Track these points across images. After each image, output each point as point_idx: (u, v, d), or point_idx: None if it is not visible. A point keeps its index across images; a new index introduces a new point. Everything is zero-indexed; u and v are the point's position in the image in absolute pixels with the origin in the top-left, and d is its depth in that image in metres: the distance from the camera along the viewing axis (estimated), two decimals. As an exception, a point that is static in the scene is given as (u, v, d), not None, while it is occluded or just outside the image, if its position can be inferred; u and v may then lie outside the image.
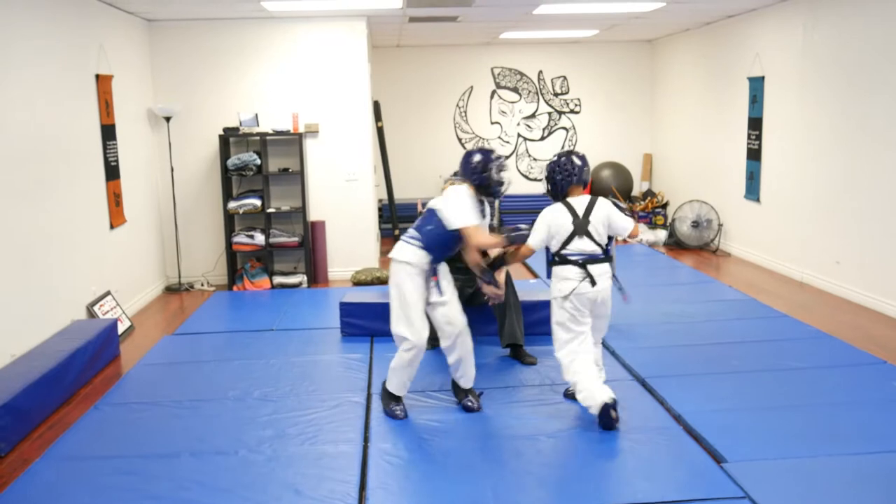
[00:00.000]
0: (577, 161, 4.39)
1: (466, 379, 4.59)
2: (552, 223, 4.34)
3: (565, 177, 4.37)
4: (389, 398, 4.53)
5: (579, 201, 4.36)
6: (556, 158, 4.45)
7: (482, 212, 4.46)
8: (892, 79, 6.35)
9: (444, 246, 4.38)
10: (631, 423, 4.31)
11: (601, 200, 4.39)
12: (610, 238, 4.43)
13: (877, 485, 3.58)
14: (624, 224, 4.40)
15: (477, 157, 4.38)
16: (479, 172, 4.34)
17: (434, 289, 4.41)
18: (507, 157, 11.78)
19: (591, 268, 4.31)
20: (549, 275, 4.48)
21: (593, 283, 4.29)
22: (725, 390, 4.77)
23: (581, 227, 4.30)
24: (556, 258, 4.38)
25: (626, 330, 6.02)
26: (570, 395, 4.65)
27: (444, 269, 4.50)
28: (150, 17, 7.87)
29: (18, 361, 4.98)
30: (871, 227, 6.71)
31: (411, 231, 4.43)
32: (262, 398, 4.83)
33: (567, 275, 4.33)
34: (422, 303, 4.37)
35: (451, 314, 4.46)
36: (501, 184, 4.40)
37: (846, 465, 3.77)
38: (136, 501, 3.58)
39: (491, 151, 4.41)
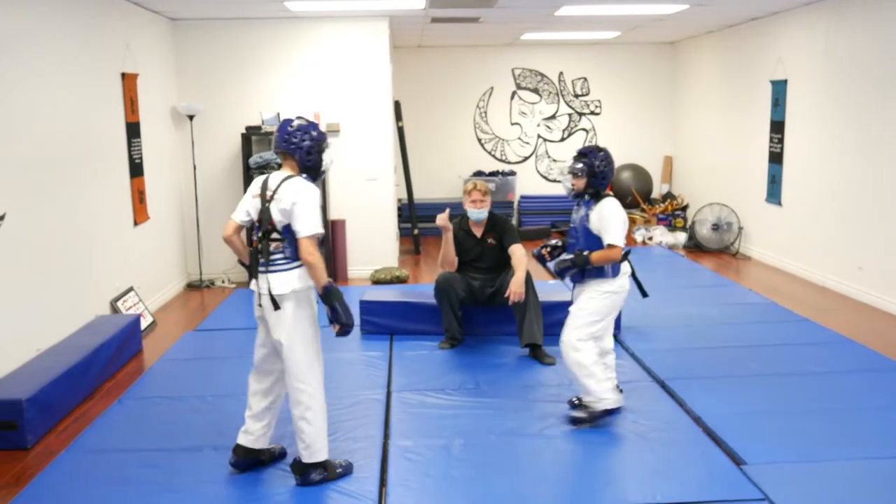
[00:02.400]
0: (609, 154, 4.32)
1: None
2: (625, 217, 4.22)
3: (612, 169, 4.27)
4: (320, 466, 3.69)
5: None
6: (599, 151, 4.21)
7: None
8: (917, 82, 6.31)
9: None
10: (650, 424, 4.31)
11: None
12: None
13: (892, 489, 3.57)
14: None
15: (305, 130, 3.64)
16: (316, 152, 3.64)
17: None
18: (526, 159, 11.79)
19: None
20: (610, 273, 4.23)
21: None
22: (745, 393, 4.76)
23: None
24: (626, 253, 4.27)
25: (646, 332, 6.02)
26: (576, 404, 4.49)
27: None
28: (175, 17, 7.95)
29: (44, 356, 5.05)
30: (892, 232, 6.66)
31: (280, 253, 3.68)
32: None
33: (626, 269, 4.31)
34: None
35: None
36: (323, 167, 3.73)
37: (866, 469, 3.77)
38: (159, 494, 3.63)
39: (315, 124, 3.71)
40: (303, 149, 3.62)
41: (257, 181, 3.73)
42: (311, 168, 3.68)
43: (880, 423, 4.29)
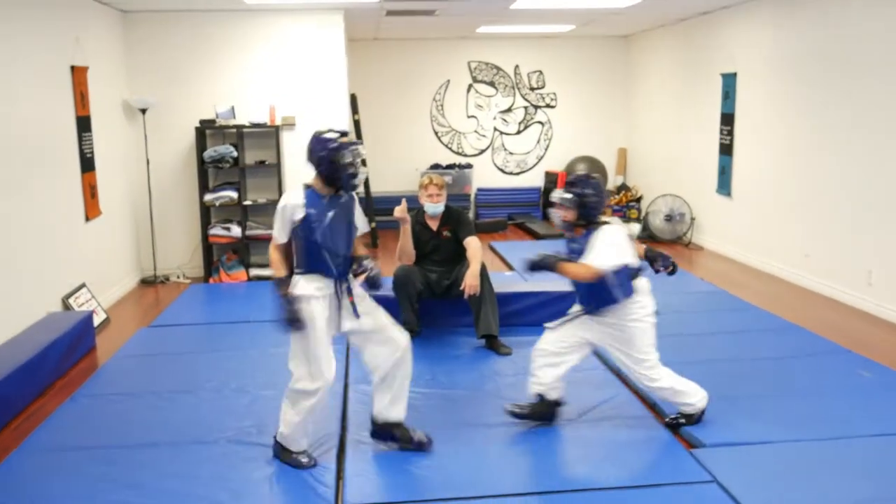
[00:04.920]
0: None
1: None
2: (620, 241, 3.96)
3: (603, 199, 4.05)
4: (287, 451, 3.84)
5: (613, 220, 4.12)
6: (590, 179, 4.01)
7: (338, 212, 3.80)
8: (859, 76, 6.48)
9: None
10: (604, 411, 4.39)
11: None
12: None
13: (841, 469, 3.69)
14: None
15: (319, 143, 3.72)
16: (328, 161, 3.68)
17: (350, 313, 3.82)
18: (483, 152, 11.85)
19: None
20: (620, 296, 4.03)
21: None
22: (697, 379, 4.80)
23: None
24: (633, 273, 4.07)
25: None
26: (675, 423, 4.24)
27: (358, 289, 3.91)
28: (126, 9, 7.83)
29: (-6, 353, 4.97)
30: (837, 221, 6.85)
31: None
32: (240, 389, 4.86)
33: (647, 288, 4.11)
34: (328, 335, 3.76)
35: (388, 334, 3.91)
36: (354, 175, 3.76)
37: (812, 450, 3.89)
38: (115, 491, 3.60)
39: (336, 136, 3.75)
40: (315, 159, 3.73)
41: None
42: (329, 177, 3.73)
43: (826, 405, 4.42)
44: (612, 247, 3.91)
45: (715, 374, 4.93)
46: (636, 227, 10.24)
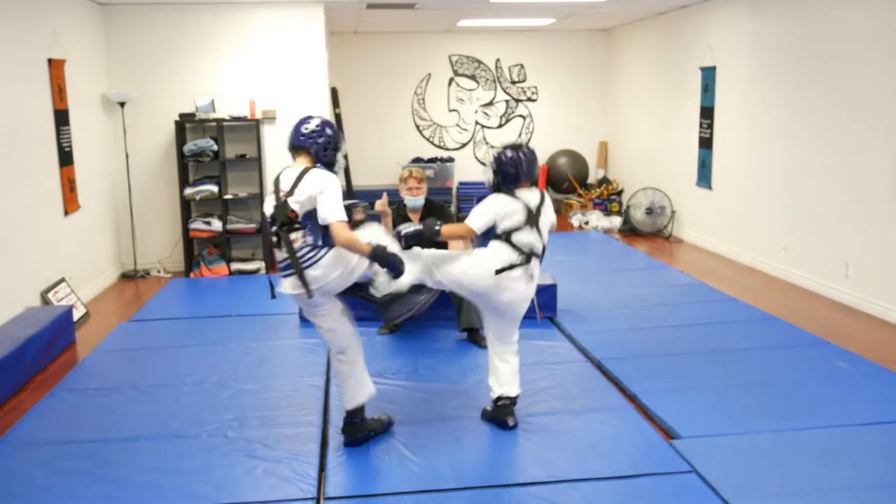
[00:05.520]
0: (529, 155, 4.09)
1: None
2: (500, 210, 3.94)
3: (520, 171, 4.02)
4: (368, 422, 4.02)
5: (531, 195, 4.05)
6: (509, 151, 4.03)
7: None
8: (836, 69, 6.54)
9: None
10: (585, 403, 4.42)
11: (548, 198, 4.18)
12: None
13: (818, 458, 3.74)
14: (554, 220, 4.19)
15: (323, 127, 3.73)
16: (332, 149, 3.74)
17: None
18: (465, 146, 11.86)
19: (533, 264, 4.03)
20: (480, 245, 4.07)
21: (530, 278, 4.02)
22: (677, 371, 4.91)
23: (533, 220, 3.99)
24: (501, 237, 3.97)
25: (582, 313, 6.14)
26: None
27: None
28: (103, 1, 7.75)
29: (-28, 348, 4.93)
30: (815, 214, 6.91)
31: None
32: (221, 383, 4.85)
33: (507, 255, 3.94)
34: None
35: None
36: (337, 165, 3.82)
37: (790, 439, 3.93)
38: (95, 485, 3.59)
39: (332, 123, 3.82)
40: (319, 144, 3.68)
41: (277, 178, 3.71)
42: (327, 164, 3.72)
43: (804, 395, 4.47)
44: (486, 213, 3.95)
45: (694, 366, 4.98)
46: (617, 221, 10.29)
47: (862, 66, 6.25)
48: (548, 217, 4.13)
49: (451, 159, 11.57)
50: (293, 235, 3.61)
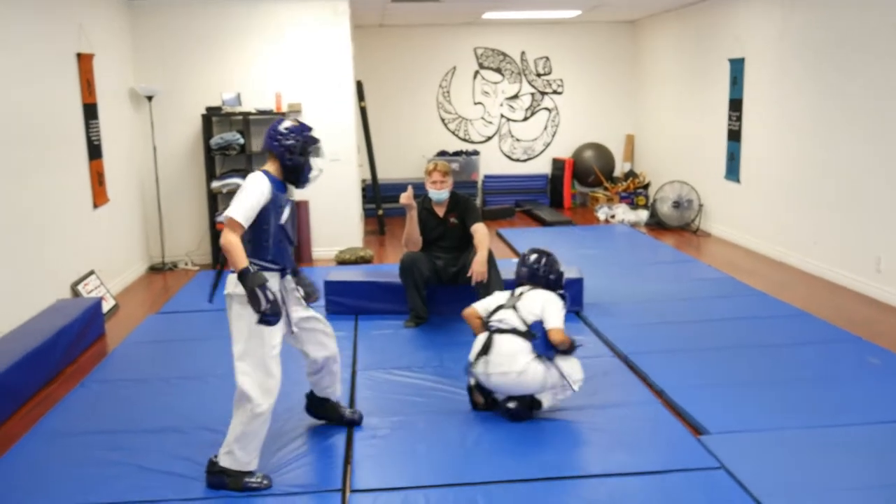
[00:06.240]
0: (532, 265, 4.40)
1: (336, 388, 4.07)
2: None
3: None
4: (240, 475, 3.50)
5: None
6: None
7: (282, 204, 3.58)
8: (868, 61, 6.43)
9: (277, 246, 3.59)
10: (612, 398, 4.39)
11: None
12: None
13: (849, 455, 3.69)
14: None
15: (292, 130, 3.60)
16: (297, 153, 3.58)
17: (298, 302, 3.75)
18: (490, 139, 11.82)
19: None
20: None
21: None
22: (705, 366, 4.86)
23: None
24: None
25: (609, 308, 6.10)
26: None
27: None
28: (131, -4, 7.82)
29: (4, 339, 5.00)
30: (847, 207, 6.81)
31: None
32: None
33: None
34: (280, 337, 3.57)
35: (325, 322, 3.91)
36: (310, 174, 3.69)
37: (820, 436, 3.88)
38: (124, 476, 3.62)
39: (309, 127, 3.68)
40: (285, 146, 3.55)
41: None
42: (292, 169, 3.59)
43: (834, 392, 4.41)
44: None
45: (722, 361, 4.93)
46: (644, 214, 10.21)
47: (894, 56, 6.14)
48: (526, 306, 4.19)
49: (476, 152, 11.55)
50: None
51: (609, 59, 11.80)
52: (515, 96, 11.80)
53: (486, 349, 4.07)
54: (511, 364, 4.02)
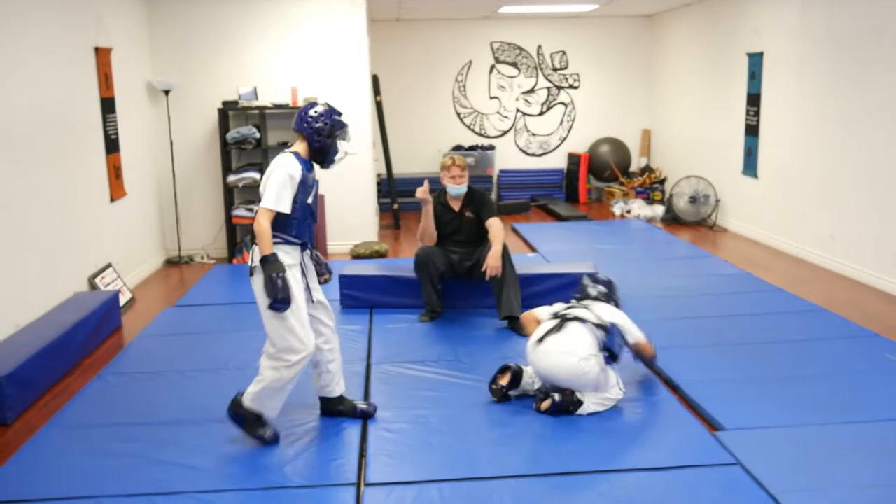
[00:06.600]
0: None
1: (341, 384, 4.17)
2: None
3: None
4: (256, 422, 3.80)
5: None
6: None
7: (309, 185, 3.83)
8: (889, 55, 6.36)
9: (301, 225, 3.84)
10: (628, 393, 4.36)
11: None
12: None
13: (865, 452, 3.66)
14: None
15: (323, 114, 3.81)
16: (325, 136, 3.81)
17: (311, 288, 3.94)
18: (505, 133, 11.80)
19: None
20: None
21: None
22: (722, 361, 4.84)
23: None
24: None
25: (624, 302, 6.04)
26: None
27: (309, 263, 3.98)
28: (149, -10, 7.85)
29: (22, 332, 5.04)
30: (866, 203, 6.75)
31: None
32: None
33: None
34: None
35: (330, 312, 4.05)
36: (336, 156, 3.92)
37: (836, 433, 3.85)
38: (141, 467, 3.65)
39: (339, 112, 3.89)
40: (314, 129, 3.78)
41: None
42: (319, 150, 3.84)
43: (852, 388, 4.38)
44: None
45: (739, 357, 4.91)
46: (660, 209, 10.17)
47: (916, 50, 6.07)
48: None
49: (491, 147, 11.52)
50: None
51: (626, 53, 11.73)
52: (531, 91, 11.76)
53: (558, 328, 4.18)
54: (577, 347, 4.10)
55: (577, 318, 4.24)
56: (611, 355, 4.19)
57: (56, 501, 3.42)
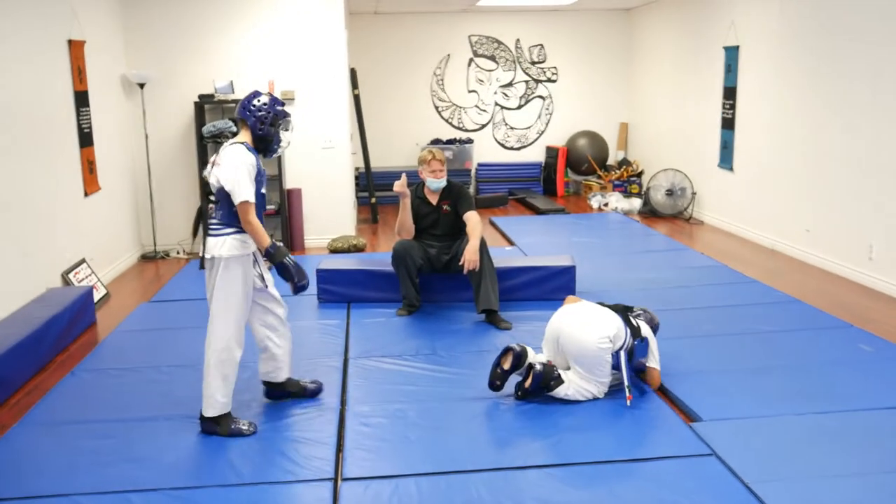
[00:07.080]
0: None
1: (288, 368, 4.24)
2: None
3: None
4: (226, 420, 3.87)
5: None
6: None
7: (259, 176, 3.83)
8: (862, 49, 6.42)
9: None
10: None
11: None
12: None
13: (839, 441, 3.69)
14: None
15: (266, 104, 3.84)
16: (268, 124, 3.84)
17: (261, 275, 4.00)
18: (484, 127, 11.79)
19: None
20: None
21: None
22: (698, 353, 4.86)
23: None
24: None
25: (602, 296, 6.09)
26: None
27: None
28: (122, -18, 7.75)
29: (-6, 328, 4.97)
30: (840, 196, 6.81)
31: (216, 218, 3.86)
32: (240, 364, 4.83)
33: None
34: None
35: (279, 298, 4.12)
36: (278, 146, 3.95)
37: (811, 422, 3.89)
38: (115, 464, 3.61)
39: (282, 102, 3.92)
40: (257, 117, 3.81)
41: None
42: (262, 139, 3.86)
43: (826, 378, 4.42)
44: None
45: (715, 348, 4.94)
46: (637, 202, 10.21)
47: (888, 46, 6.12)
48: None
49: (469, 140, 11.52)
50: (211, 206, 3.92)
51: (604, 47, 11.76)
52: (510, 84, 11.76)
53: (599, 304, 4.38)
54: (601, 327, 4.15)
55: (617, 310, 4.33)
56: (629, 357, 4.21)
57: (29, 500, 3.37)
